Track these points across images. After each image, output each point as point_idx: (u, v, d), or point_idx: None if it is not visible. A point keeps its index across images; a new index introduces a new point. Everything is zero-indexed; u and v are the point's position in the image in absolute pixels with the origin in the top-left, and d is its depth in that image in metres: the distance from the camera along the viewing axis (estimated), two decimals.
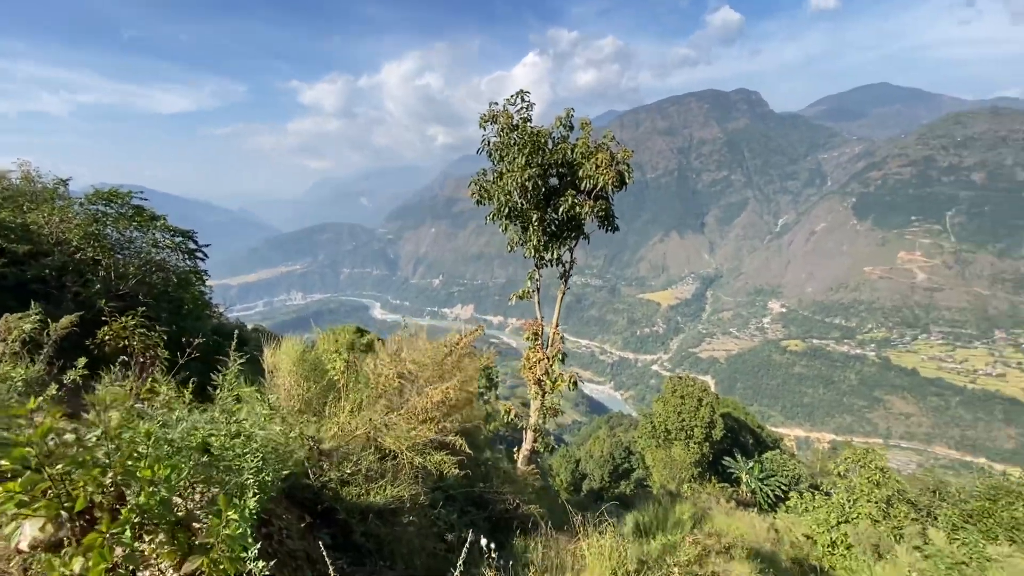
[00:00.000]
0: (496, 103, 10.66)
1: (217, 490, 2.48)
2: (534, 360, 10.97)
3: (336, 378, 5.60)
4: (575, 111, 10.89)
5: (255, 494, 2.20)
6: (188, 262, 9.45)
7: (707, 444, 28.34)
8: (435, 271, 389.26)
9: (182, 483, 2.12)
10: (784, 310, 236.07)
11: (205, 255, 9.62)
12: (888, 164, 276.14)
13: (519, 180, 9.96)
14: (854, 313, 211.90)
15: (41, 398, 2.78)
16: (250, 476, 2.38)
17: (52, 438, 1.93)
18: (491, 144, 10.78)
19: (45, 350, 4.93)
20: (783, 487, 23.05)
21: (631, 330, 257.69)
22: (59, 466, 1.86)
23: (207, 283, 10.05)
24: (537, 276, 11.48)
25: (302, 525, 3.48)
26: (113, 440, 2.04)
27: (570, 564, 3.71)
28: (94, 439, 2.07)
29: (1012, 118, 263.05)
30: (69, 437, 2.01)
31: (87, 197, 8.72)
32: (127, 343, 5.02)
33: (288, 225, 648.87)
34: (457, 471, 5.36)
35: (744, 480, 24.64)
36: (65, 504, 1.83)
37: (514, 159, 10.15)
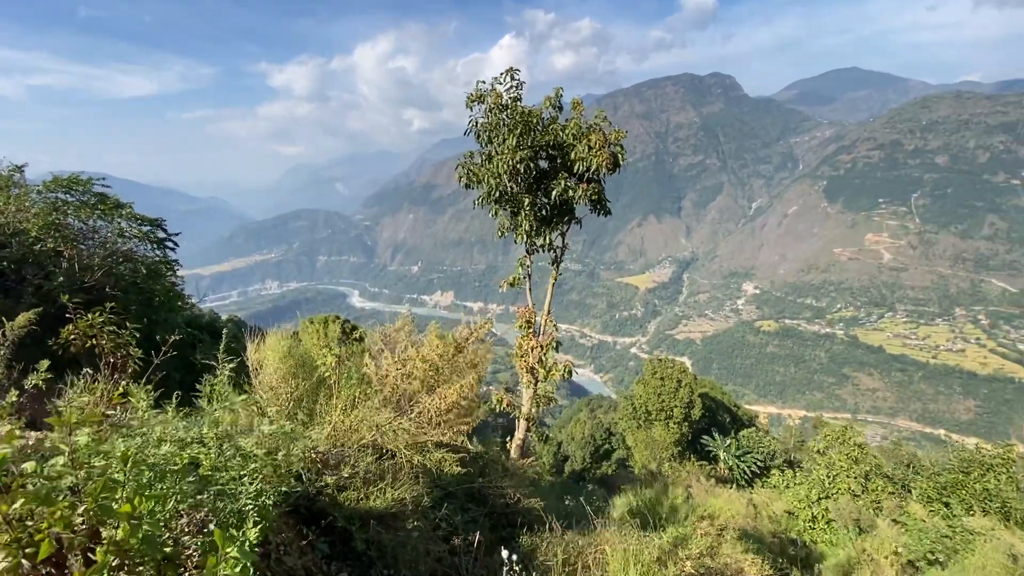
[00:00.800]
0: (484, 81, 10.23)
1: (206, 512, 2.19)
2: (527, 348, 10.69)
3: (327, 375, 5.26)
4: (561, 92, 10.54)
5: (256, 522, 1.90)
6: (157, 252, 8.86)
7: (686, 424, 28.86)
8: (414, 258, 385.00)
9: (167, 514, 1.81)
10: (758, 292, 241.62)
11: (175, 244, 9.04)
12: (857, 148, 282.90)
13: (510, 162, 9.57)
14: (824, 294, 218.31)
15: None
16: (249, 502, 2.07)
17: (6, 469, 1.59)
18: (479, 125, 10.37)
19: (1, 351, 4.48)
20: (759, 463, 23.68)
21: (610, 313, 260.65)
22: (16, 504, 1.54)
23: (178, 273, 9.47)
24: (528, 262, 11.19)
25: (302, 543, 3.18)
26: (82, 468, 1.71)
27: (591, 564, 3.51)
28: (59, 466, 1.74)
29: (974, 102, 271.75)
30: (28, 466, 1.68)
31: (45, 184, 8.05)
32: (95, 342, 4.59)
33: (262, 213, 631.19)
34: (458, 468, 5.06)
35: (722, 457, 25.20)
36: (27, 551, 1.51)
37: (504, 140, 9.77)
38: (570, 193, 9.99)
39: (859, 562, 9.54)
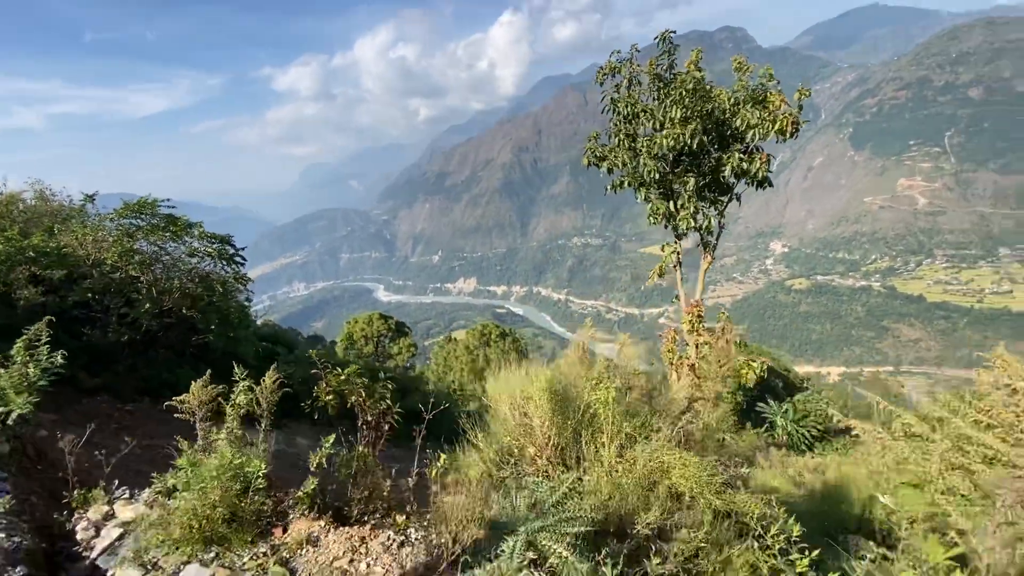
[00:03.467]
0: (618, 51, 9.31)
1: None
2: (702, 343, 9.42)
3: (600, 410, 4.20)
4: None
5: None
6: (227, 268, 9.28)
7: (740, 392, 28.72)
8: (433, 247, 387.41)
9: None
10: (786, 250, 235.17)
11: (244, 259, 9.43)
12: (883, 89, 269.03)
13: (683, 138, 8.42)
14: (857, 246, 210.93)
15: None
16: None
17: None
18: (619, 101, 9.24)
19: (264, 422, 3.94)
20: (818, 428, 23.40)
21: (635, 285, 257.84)
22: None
23: (249, 288, 9.90)
24: (679, 248, 10.16)
25: None
26: None
27: None
28: None
29: (1009, 27, 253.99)
30: None
31: (117, 211, 8.45)
32: (357, 400, 4.01)
33: (282, 217, 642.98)
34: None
35: (779, 423, 24.98)
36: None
37: (666, 114, 8.65)
38: (744, 167, 8.79)
39: None
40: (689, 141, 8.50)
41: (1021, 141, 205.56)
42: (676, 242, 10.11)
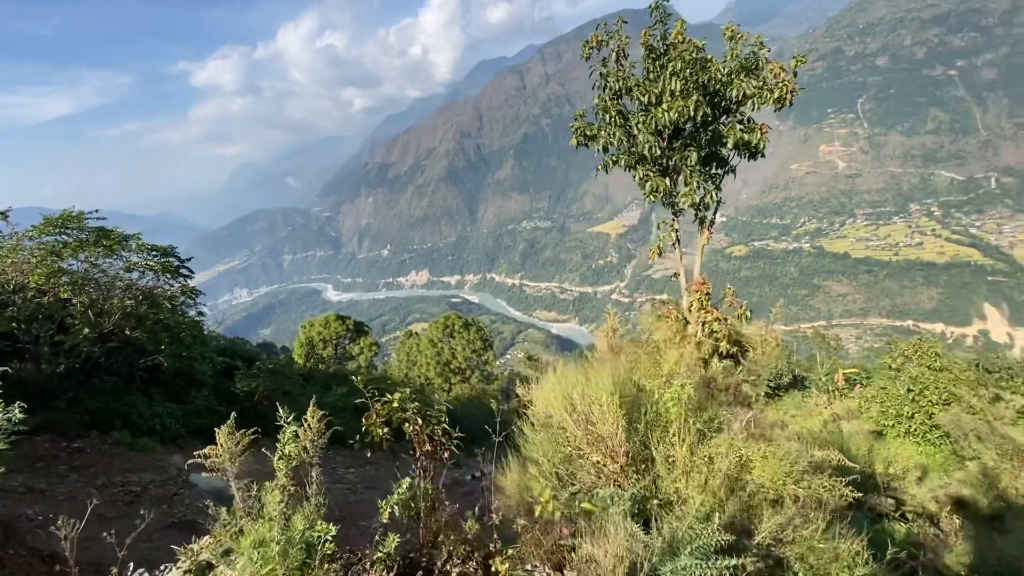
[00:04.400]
0: (604, 23, 9.02)
1: None
2: (710, 320, 9.28)
3: (671, 409, 3.96)
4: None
5: None
6: (172, 283, 8.51)
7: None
8: (381, 242, 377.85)
9: None
10: (724, 219, 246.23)
11: (191, 271, 8.69)
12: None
13: (687, 111, 8.04)
14: (787, 211, 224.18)
15: None
16: None
17: None
18: (609, 76, 8.82)
19: (314, 475, 3.25)
20: (770, 384, 24.87)
21: (586, 264, 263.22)
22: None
23: (199, 301, 9.16)
24: (676, 225, 9.90)
25: None
26: None
27: None
28: None
29: None
30: None
31: (36, 228, 7.52)
32: (412, 431, 3.62)
33: (215, 221, 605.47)
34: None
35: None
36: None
37: (666, 87, 8.27)
38: (745, 138, 8.58)
39: None
40: (694, 113, 8.19)
41: (921, 105, 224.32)
42: (674, 220, 9.93)
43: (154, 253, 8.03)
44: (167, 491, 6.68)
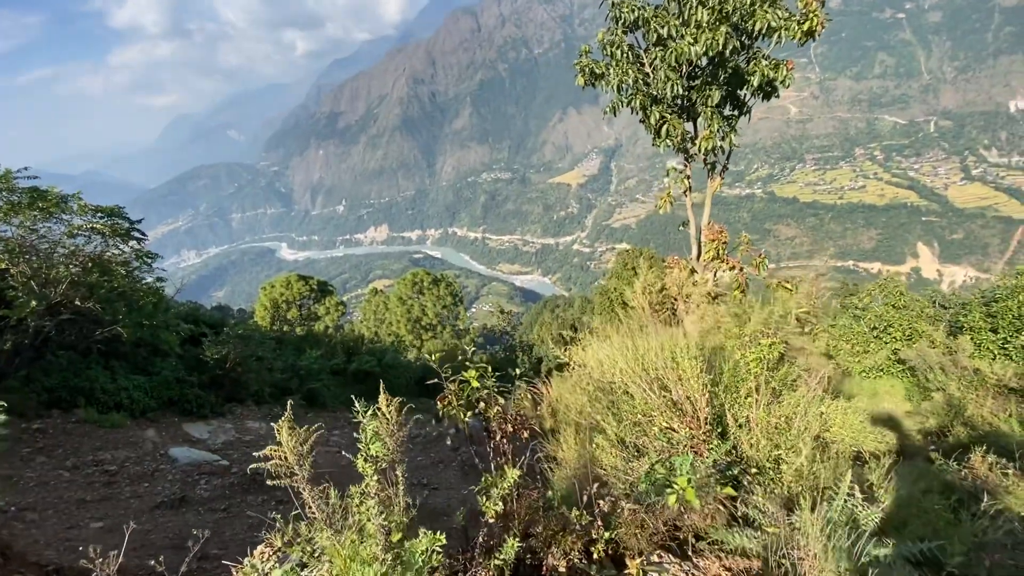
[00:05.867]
0: None
1: None
2: (727, 271, 8.86)
3: (752, 367, 3.75)
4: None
5: None
6: (122, 247, 7.87)
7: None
8: (336, 197, 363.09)
9: None
10: (681, 166, 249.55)
11: (143, 233, 8.04)
12: None
13: (716, 43, 7.38)
14: (741, 157, 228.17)
15: None
16: None
17: None
18: (622, 4, 8.10)
19: (399, 473, 2.60)
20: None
21: (548, 216, 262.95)
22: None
23: (157, 264, 8.52)
24: (688, 172, 9.22)
25: None
26: None
27: None
28: None
29: None
30: None
31: None
32: (493, 414, 3.28)
33: (152, 179, 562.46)
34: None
35: None
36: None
37: (691, 16, 7.55)
38: (771, 75, 7.83)
39: None
40: (723, 46, 7.49)
41: (870, 49, 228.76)
42: (686, 166, 9.36)
43: (100, 215, 7.30)
44: (146, 468, 6.49)
